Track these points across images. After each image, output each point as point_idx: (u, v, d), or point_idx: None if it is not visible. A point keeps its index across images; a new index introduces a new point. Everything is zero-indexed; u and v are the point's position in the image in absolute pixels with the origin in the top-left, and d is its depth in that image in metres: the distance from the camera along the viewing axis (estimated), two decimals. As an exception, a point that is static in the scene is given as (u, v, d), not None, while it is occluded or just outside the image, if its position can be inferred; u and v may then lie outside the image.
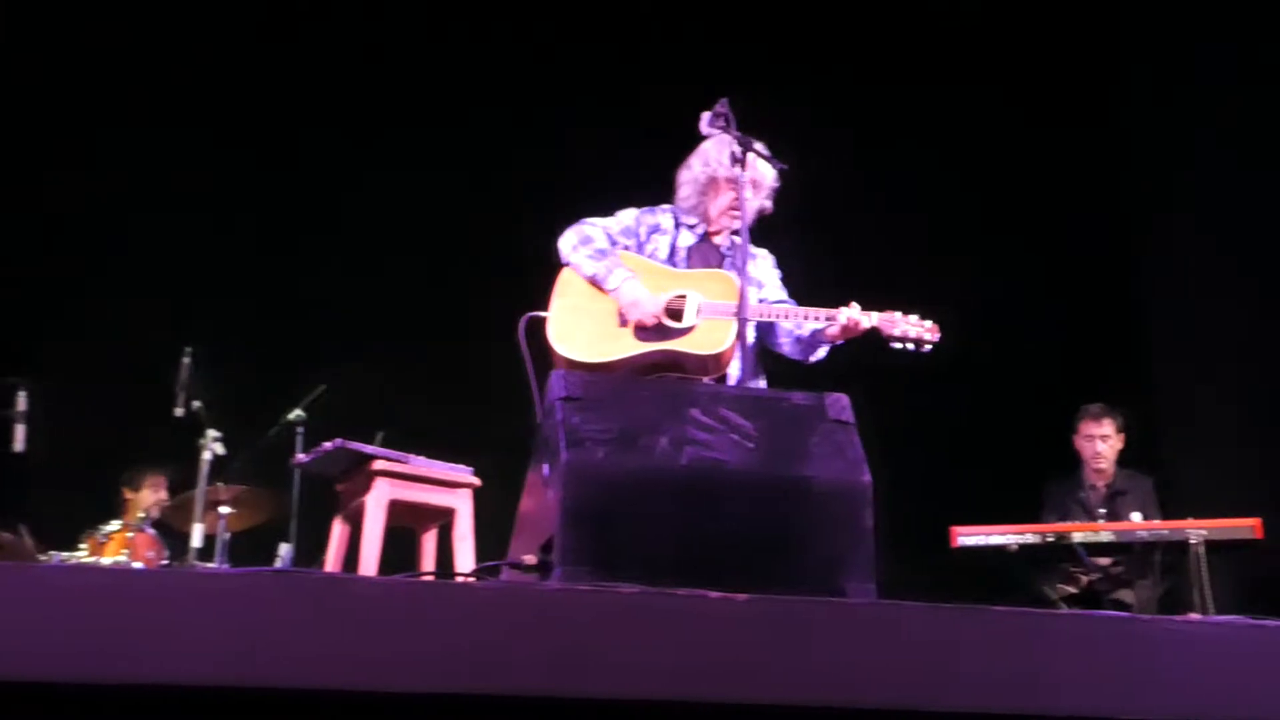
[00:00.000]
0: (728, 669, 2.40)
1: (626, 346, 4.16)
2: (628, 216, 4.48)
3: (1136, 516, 6.06)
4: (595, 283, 4.26)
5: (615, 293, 4.21)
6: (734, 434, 3.08)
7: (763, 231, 4.40)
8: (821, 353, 4.40)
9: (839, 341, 4.32)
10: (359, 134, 7.41)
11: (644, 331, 4.18)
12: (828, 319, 4.23)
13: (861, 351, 4.36)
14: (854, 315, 4.22)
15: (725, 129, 4.12)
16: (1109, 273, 8.00)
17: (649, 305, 4.18)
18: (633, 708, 2.36)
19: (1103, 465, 6.54)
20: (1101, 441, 6.54)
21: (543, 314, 4.24)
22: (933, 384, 6.80)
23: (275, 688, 2.18)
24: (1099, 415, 6.59)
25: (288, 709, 2.23)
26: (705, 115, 4.20)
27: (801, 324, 4.30)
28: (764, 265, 4.49)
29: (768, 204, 4.41)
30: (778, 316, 4.30)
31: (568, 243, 4.34)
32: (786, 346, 4.43)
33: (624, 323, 4.20)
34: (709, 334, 4.16)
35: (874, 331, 4.23)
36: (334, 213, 7.35)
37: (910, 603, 2.55)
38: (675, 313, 4.19)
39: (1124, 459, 6.62)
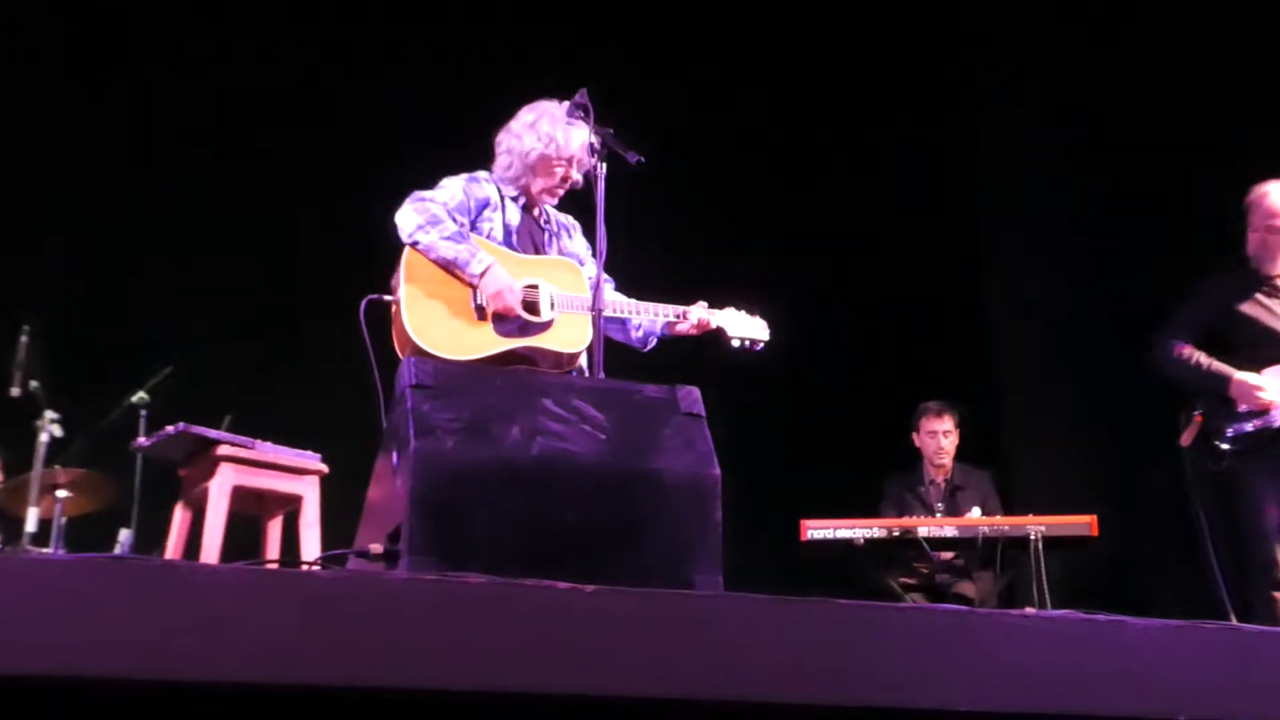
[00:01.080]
0: (575, 660, 2.39)
1: (489, 343, 4.02)
2: (455, 188, 4.25)
3: (976, 510, 6.26)
4: (453, 267, 4.05)
5: (480, 279, 4.03)
6: (586, 425, 3.08)
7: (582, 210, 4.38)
8: (653, 342, 4.46)
9: (679, 335, 4.39)
10: (197, 107, 7.22)
11: (503, 325, 4.05)
12: (678, 315, 4.30)
13: (709, 345, 4.42)
14: (703, 314, 4.30)
15: (585, 119, 4.10)
16: (952, 271, 8.19)
17: (513, 295, 4.04)
18: (478, 699, 2.35)
19: (944, 460, 6.73)
20: (944, 437, 6.73)
21: (386, 297, 4.10)
22: (784, 379, 6.91)
23: (112, 678, 2.12)
24: (940, 411, 6.79)
25: (125, 700, 2.17)
26: (564, 105, 4.19)
27: (639, 316, 4.33)
28: (578, 238, 4.48)
29: (579, 179, 4.36)
30: (632, 312, 4.30)
31: (411, 221, 4.09)
32: (624, 335, 4.45)
33: (481, 315, 4.05)
34: (568, 330, 4.11)
35: (719, 329, 4.34)
36: (181, 187, 7.15)
37: (756, 595, 2.58)
38: (530, 305, 4.10)
39: (962, 453, 6.81)
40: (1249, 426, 4.98)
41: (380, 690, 2.28)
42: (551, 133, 4.28)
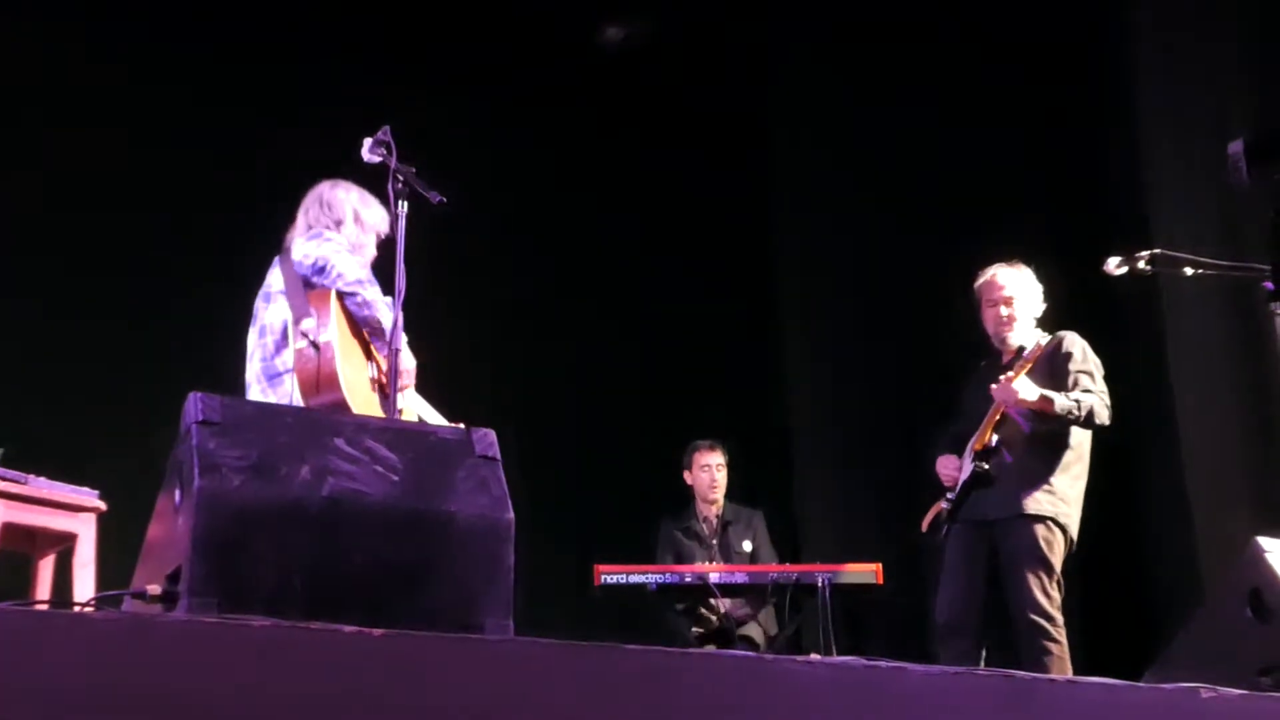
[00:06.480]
0: (360, 705, 2.34)
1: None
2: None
3: (747, 545, 6.45)
4: (377, 332, 4.07)
5: (400, 353, 3.99)
6: (378, 466, 3.03)
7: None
8: None
9: None
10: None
11: (385, 404, 4.02)
12: None
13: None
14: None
15: (386, 158, 4.07)
16: (745, 315, 8.35)
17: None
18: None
19: (716, 495, 6.87)
20: (717, 470, 6.89)
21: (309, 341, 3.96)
22: (582, 422, 6.94)
23: None
24: (713, 446, 6.94)
25: None
26: (367, 141, 4.14)
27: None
28: None
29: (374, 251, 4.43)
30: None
31: (352, 268, 4.13)
32: None
33: (374, 385, 4.08)
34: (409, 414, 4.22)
35: None
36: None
37: (546, 640, 2.57)
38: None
39: (733, 494, 6.97)
40: (944, 501, 5.37)
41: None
42: (372, 216, 4.40)
